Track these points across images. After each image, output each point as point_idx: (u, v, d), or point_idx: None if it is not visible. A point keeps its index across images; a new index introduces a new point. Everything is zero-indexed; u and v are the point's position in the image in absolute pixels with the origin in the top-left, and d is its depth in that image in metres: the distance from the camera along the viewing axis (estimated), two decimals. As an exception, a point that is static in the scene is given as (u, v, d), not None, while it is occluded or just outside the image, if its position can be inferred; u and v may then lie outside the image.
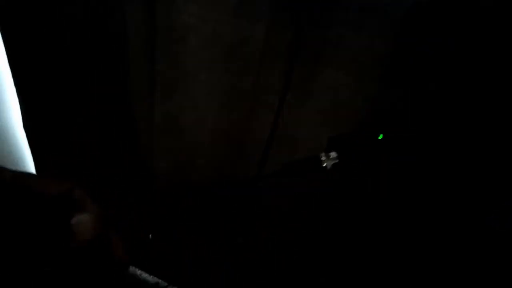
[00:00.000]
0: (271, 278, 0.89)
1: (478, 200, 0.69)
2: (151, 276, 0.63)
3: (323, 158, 0.63)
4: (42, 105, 0.70)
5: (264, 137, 0.84)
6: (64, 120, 0.73)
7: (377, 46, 0.64)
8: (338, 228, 0.87)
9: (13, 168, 0.22)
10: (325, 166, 0.64)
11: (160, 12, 0.67)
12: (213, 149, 0.91)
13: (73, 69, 0.67)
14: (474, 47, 0.55)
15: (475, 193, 0.69)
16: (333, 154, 0.62)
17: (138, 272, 0.61)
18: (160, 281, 0.64)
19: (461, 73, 0.59)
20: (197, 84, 0.80)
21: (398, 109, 0.68)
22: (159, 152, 0.91)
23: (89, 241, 0.22)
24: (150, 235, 0.78)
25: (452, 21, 0.55)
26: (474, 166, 0.66)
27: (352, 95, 0.70)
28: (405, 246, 0.79)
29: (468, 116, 0.62)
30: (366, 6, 0.60)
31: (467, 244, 0.71)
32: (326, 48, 0.68)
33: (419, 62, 0.62)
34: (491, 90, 0.58)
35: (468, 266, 0.72)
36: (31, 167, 0.84)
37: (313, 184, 0.81)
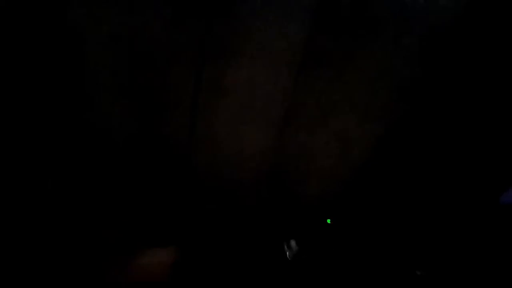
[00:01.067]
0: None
1: (492, 180, 0.69)
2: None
3: (285, 249, 0.63)
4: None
5: (182, 139, 0.79)
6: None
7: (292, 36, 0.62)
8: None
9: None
10: (288, 256, 0.65)
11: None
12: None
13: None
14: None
15: (489, 173, 0.69)
16: (293, 244, 0.63)
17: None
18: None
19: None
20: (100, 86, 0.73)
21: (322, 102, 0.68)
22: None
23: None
24: None
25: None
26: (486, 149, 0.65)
27: (270, 89, 0.68)
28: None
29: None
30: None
31: (482, 222, 0.71)
32: (237, 41, 0.64)
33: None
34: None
35: (484, 245, 0.72)
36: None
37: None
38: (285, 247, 0.63)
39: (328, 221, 0.55)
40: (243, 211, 0.88)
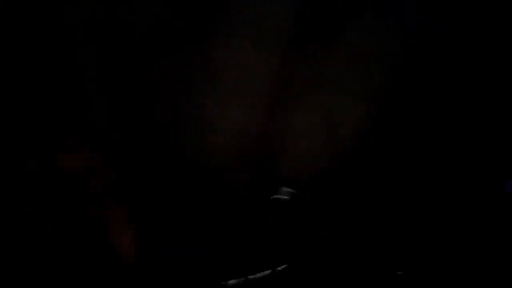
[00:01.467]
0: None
1: (493, 171, 0.69)
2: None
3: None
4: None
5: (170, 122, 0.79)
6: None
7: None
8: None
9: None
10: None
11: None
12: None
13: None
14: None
15: (490, 165, 0.69)
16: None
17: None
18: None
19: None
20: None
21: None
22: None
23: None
24: None
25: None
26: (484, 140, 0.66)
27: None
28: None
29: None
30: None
31: (485, 213, 0.71)
32: (225, 21, 0.63)
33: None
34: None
35: (487, 235, 0.71)
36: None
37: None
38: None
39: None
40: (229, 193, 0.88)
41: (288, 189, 0.48)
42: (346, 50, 0.67)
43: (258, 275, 0.60)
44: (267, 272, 0.67)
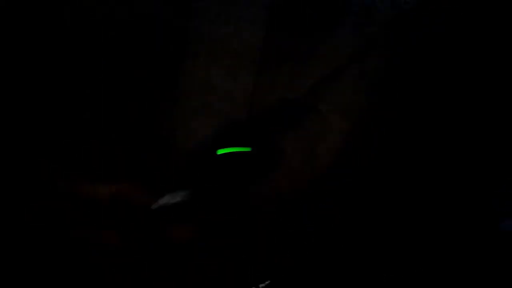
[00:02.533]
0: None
1: (490, 204, 0.70)
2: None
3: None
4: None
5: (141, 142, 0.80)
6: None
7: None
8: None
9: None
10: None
11: None
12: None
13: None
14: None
15: (486, 196, 0.69)
16: None
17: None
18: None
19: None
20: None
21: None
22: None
23: None
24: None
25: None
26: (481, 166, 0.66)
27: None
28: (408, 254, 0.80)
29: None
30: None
31: (481, 250, 0.72)
32: (192, 41, 0.62)
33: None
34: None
35: (483, 272, 0.72)
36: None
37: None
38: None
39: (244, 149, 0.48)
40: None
41: None
42: (321, 65, 0.67)
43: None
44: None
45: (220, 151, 0.27)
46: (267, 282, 0.76)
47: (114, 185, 0.26)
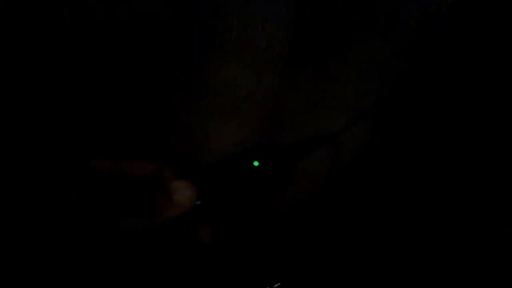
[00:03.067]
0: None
1: (482, 186, 0.70)
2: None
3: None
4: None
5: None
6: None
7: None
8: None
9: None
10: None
11: None
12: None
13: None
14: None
15: (479, 179, 0.69)
16: None
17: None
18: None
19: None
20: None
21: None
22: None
23: (186, 210, 0.23)
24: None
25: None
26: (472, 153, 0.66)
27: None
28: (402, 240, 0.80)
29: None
30: None
31: (480, 251, 0.72)
32: (217, 39, 0.62)
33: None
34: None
35: (476, 257, 0.73)
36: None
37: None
38: None
39: (256, 163, 0.47)
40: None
41: None
42: (345, 69, 0.67)
43: None
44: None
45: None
46: (278, 284, 0.76)
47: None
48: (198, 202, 0.26)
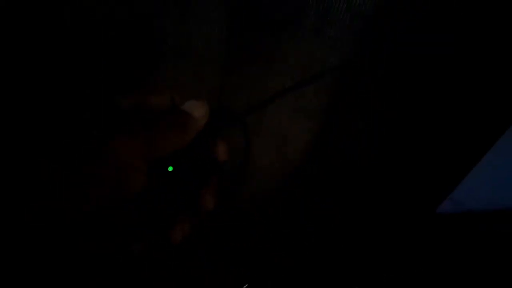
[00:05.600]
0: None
1: (427, 190, 0.72)
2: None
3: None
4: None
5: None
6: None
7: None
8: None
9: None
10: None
11: None
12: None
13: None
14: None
15: (424, 184, 0.71)
16: None
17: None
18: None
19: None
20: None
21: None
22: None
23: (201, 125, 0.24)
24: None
25: None
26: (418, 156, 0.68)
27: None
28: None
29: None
30: None
31: (421, 236, 0.74)
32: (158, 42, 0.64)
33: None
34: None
35: (425, 258, 0.75)
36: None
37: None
38: None
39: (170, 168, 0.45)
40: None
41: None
42: (285, 66, 0.68)
43: None
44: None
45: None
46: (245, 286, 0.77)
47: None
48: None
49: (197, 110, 0.27)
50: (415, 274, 0.80)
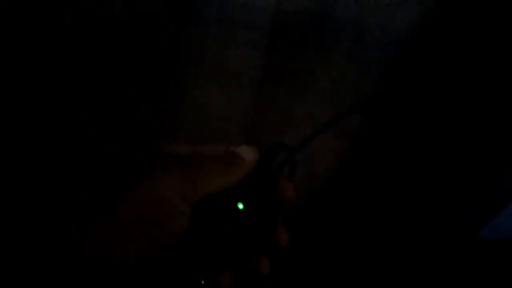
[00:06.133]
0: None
1: (429, 196, 0.72)
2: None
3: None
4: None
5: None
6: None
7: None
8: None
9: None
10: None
11: None
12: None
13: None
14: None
15: (426, 189, 0.72)
16: None
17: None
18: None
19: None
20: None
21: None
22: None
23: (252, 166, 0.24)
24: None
25: None
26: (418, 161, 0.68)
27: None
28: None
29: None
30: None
31: (423, 242, 0.74)
32: (193, 63, 0.66)
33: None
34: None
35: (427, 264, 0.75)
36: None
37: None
38: None
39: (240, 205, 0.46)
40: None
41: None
42: (315, 88, 0.69)
43: None
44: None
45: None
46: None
47: None
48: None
49: (247, 153, 0.27)
50: (414, 275, 0.80)
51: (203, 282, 0.25)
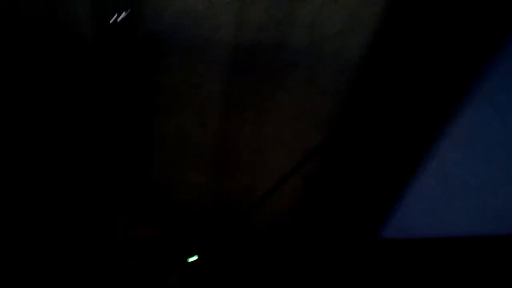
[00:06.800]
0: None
1: (370, 213, 0.76)
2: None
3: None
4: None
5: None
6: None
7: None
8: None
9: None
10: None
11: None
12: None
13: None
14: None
15: (367, 206, 0.76)
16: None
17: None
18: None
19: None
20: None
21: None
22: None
23: None
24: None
25: None
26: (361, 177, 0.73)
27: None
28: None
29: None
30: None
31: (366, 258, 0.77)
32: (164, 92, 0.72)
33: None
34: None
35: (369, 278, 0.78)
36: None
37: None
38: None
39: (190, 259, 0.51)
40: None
41: None
42: (281, 113, 0.74)
43: None
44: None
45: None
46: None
47: None
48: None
49: None
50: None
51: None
